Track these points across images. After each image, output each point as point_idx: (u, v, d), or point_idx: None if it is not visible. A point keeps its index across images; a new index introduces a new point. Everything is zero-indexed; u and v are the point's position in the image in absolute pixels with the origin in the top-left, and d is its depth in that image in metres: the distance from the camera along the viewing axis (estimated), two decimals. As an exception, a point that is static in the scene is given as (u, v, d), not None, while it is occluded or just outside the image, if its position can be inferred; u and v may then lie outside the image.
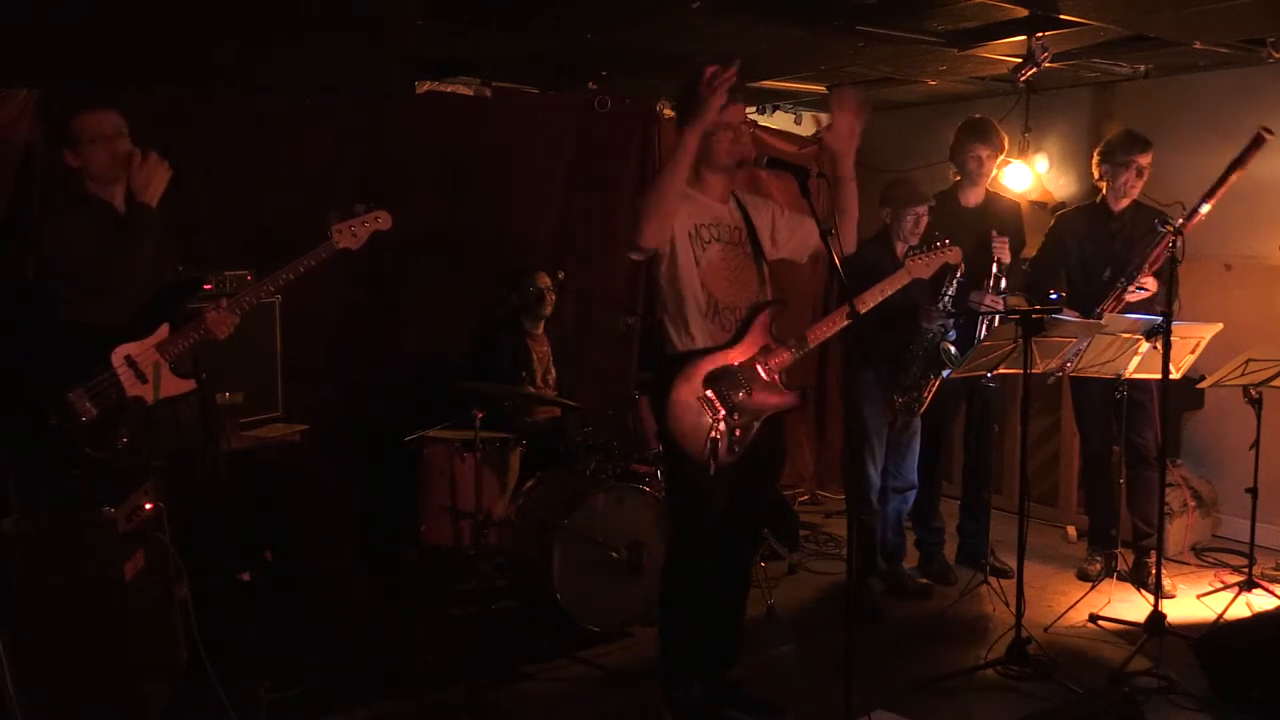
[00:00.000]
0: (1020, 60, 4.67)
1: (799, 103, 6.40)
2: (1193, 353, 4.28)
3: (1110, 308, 4.45)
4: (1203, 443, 5.55)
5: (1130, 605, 4.43)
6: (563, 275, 5.13)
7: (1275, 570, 4.88)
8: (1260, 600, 4.39)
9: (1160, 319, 3.94)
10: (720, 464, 3.24)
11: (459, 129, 5.30)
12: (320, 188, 4.72)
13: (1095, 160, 4.69)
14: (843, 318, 3.33)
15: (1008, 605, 4.06)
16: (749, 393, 3.30)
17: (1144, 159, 4.55)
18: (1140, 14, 4.22)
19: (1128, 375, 4.29)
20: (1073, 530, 5.59)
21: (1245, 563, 4.57)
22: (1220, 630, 3.99)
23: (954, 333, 4.56)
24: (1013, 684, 3.77)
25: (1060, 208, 5.59)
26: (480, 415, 4.05)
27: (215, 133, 4.52)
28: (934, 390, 4.53)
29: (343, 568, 4.66)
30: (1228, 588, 4.56)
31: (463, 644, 4.07)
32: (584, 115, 5.69)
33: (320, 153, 4.85)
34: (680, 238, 3.25)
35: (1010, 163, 5.72)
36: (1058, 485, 5.83)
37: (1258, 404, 4.26)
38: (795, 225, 3.49)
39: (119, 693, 2.87)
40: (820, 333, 3.43)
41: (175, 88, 4.39)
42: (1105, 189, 4.67)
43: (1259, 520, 4.38)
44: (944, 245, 3.79)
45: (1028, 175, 5.92)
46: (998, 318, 4.51)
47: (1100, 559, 4.88)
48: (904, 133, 6.23)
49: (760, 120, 6.27)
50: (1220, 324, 4.23)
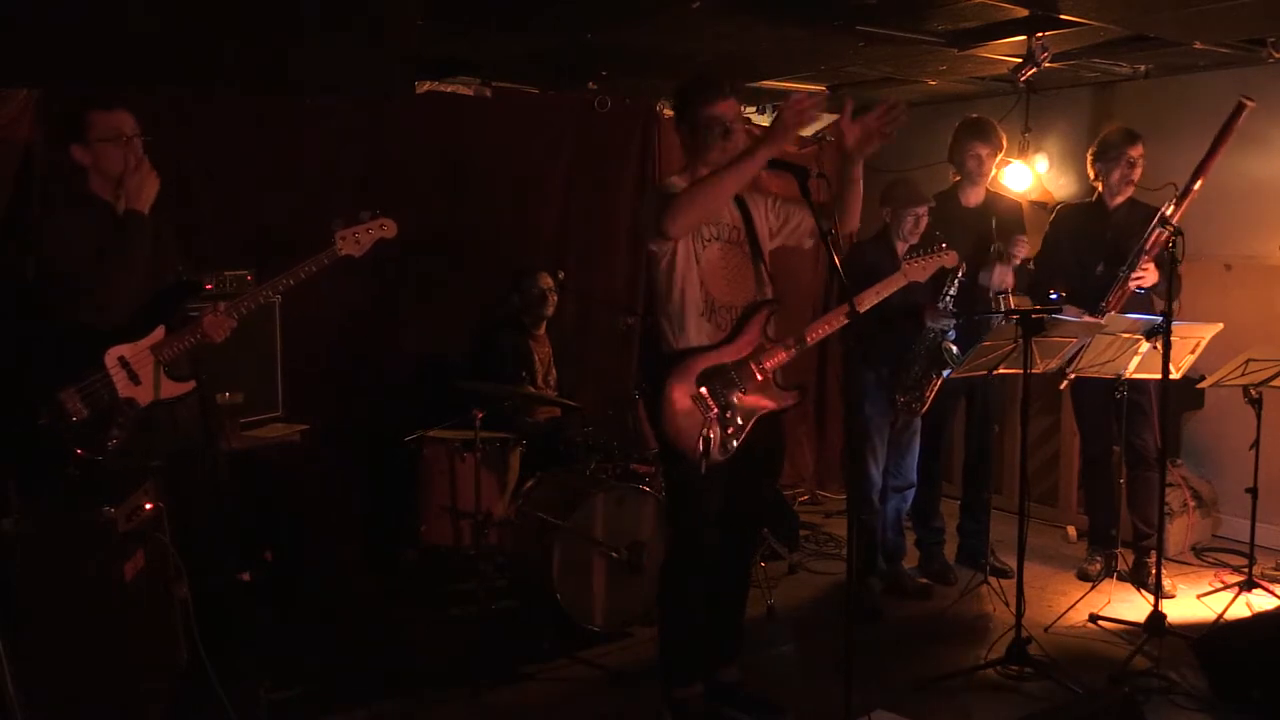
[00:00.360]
0: (1020, 60, 4.67)
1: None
2: (1193, 353, 4.29)
3: (1115, 299, 4.45)
4: (1203, 443, 5.55)
5: (1130, 605, 4.44)
6: (563, 275, 5.13)
7: (1275, 570, 4.88)
8: (1260, 600, 4.39)
9: (1160, 319, 3.95)
10: (712, 463, 3.24)
11: (459, 129, 5.30)
12: (320, 188, 4.73)
13: (1089, 161, 4.71)
14: (841, 316, 3.33)
15: (1008, 605, 4.06)
16: (743, 392, 3.30)
17: (1134, 151, 4.56)
18: (1140, 14, 4.22)
19: (1128, 375, 4.29)
20: (1073, 530, 5.59)
21: (1245, 563, 4.57)
22: (1220, 630, 4.00)
23: (954, 332, 4.57)
24: (1013, 684, 3.77)
25: (1060, 207, 5.59)
26: (480, 415, 4.05)
27: (215, 133, 4.53)
28: (935, 390, 4.54)
29: (343, 568, 4.67)
30: (1228, 588, 4.56)
31: (463, 644, 4.07)
32: (584, 115, 5.69)
33: (320, 153, 4.85)
34: None
35: (1010, 163, 5.73)
36: (1058, 485, 5.83)
37: (1258, 404, 4.27)
38: (785, 211, 3.48)
39: (119, 693, 2.86)
40: (819, 331, 3.45)
41: (175, 88, 4.38)
42: (1101, 188, 4.68)
43: (1259, 520, 4.38)
44: (941, 249, 3.81)
45: (1028, 175, 5.92)
46: (1003, 302, 4.59)
47: (1100, 559, 4.88)
48: (904, 133, 6.05)
49: (760, 120, 6.26)
50: (1220, 324, 4.23)
